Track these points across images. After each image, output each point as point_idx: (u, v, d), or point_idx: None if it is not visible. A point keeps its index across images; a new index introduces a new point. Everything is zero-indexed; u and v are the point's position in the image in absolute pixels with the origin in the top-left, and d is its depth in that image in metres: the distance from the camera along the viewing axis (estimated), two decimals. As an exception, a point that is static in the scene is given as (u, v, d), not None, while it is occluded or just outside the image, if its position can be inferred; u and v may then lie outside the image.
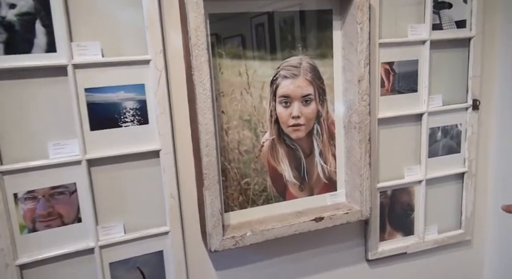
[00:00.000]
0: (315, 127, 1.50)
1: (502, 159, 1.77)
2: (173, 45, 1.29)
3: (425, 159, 1.68)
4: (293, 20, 1.42)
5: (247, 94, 1.40)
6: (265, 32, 1.39)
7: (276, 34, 1.41)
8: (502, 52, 1.70)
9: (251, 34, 1.37)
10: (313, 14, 1.44)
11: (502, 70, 1.71)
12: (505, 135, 1.75)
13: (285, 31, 1.42)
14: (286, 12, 1.41)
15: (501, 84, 1.72)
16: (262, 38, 1.39)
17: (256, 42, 1.39)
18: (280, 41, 1.42)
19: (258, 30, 1.38)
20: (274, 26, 1.40)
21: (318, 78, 1.48)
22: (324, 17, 1.46)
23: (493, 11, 1.67)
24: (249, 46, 1.38)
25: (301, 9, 1.42)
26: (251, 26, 1.36)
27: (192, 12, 1.19)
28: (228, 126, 1.39)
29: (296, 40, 1.43)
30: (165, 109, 1.28)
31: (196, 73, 1.23)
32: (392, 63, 1.58)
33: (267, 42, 1.40)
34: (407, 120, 1.65)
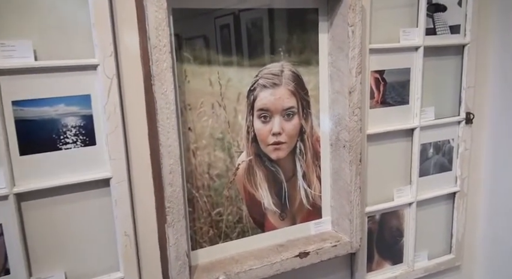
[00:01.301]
0: (297, 145, 1.29)
1: (494, 178, 1.63)
2: (127, 46, 1.03)
3: (416, 179, 1.50)
4: (273, 19, 1.20)
5: (220, 107, 1.16)
6: (241, 33, 1.16)
7: (253, 36, 1.18)
8: (496, 61, 1.55)
9: (218, 35, 1.14)
10: (297, 13, 1.22)
11: (495, 81, 1.57)
12: (497, 151, 1.61)
13: (264, 32, 1.19)
14: (265, 9, 1.18)
15: (494, 96, 1.58)
16: (237, 40, 1.16)
17: (233, 44, 1.15)
18: (258, 43, 1.19)
19: (230, 30, 1.15)
20: (251, 25, 1.17)
21: (301, 88, 1.27)
22: (309, 17, 1.25)
23: (487, 16, 1.52)
24: (222, 49, 1.14)
25: (283, 7, 1.20)
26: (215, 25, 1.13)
27: (151, 6, 0.95)
28: (196, 146, 1.15)
29: (277, 43, 1.21)
30: (117, 126, 1.02)
31: (157, 82, 0.98)
32: (383, 71, 1.39)
33: (244, 45, 1.17)
34: (398, 135, 1.46)
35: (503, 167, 1.60)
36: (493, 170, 1.63)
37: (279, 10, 1.20)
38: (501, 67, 1.55)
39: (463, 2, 1.46)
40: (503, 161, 1.59)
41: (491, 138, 1.61)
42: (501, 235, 1.65)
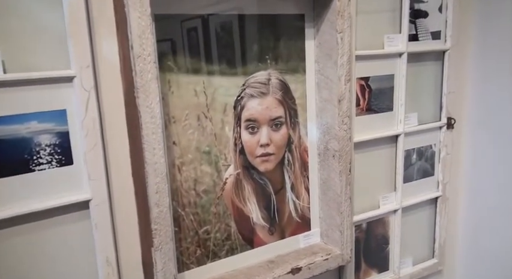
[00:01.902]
0: (285, 156, 1.24)
1: (474, 182, 1.64)
2: (106, 56, 0.95)
3: (401, 185, 1.49)
4: (260, 25, 1.14)
5: (206, 119, 1.09)
6: (227, 40, 1.10)
7: (240, 43, 1.12)
8: (476, 67, 1.56)
9: (203, 43, 1.07)
10: (283, 20, 1.17)
11: (475, 86, 1.58)
12: (476, 155, 1.62)
13: (250, 39, 1.13)
14: (251, 16, 1.12)
15: (474, 102, 1.59)
16: (224, 48, 1.10)
17: (219, 52, 1.09)
18: (245, 51, 1.13)
19: (216, 37, 1.08)
20: (237, 32, 1.11)
21: (289, 97, 1.22)
22: (295, 23, 1.20)
23: (467, 22, 1.53)
24: (207, 57, 1.07)
25: (268, 12, 1.15)
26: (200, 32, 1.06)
27: (134, 13, 0.86)
28: (182, 161, 1.07)
29: (264, 51, 1.16)
30: (96, 143, 0.93)
31: (141, 95, 0.90)
32: (368, 78, 1.36)
33: (230, 52, 1.11)
34: (382, 142, 1.44)
35: (482, 171, 1.61)
36: (473, 175, 1.64)
37: (265, 16, 1.15)
38: (481, 72, 1.56)
39: (443, 8, 1.46)
40: (482, 166, 1.61)
41: (472, 142, 1.62)
42: (481, 238, 1.67)
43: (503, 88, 1.50)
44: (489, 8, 1.48)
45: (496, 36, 1.50)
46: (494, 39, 1.50)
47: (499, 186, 1.56)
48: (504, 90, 1.50)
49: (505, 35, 1.47)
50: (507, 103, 1.49)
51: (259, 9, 1.13)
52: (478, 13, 1.51)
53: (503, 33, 1.48)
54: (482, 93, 1.56)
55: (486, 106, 1.56)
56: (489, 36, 1.51)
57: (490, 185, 1.59)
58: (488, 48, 1.52)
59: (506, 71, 1.48)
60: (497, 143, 1.55)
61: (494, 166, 1.57)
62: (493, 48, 1.51)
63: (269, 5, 1.14)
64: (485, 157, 1.59)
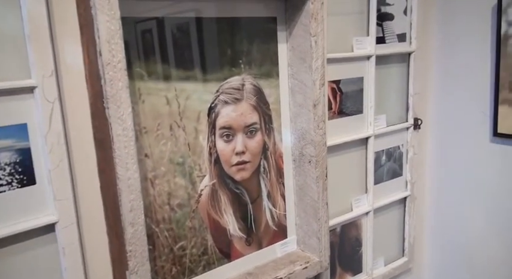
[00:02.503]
0: (261, 163, 1.20)
1: (439, 180, 1.68)
2: (70, 63, 0.86)
3: (372, 187, 1.49)
4: (232, 29, 1.09)
5: (179, 128, 1.03)
6: (200, 44, 1.04)
7: (212, 47, 1.06)
8: (439, 68, 1.60)
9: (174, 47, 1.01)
10: (255, 23, 1.13)
11: (440, 87, 1.62)
12: (441, 155, 1.66)
13: (223, 43, 1.08)
14: (222, 19, 1.07)
15: (438, 102, 1.63)
16: (196, 52, 1.04)
17: (191, 57, 1.03)
18: (218, 55, 1.08)
19: (188, 41, 1.02)
20: (209, 35, 1.06)
21: (263, 102, 1.18)
22: (267, 26, 1.16)
23: (430, 25, 1.56)
24: (179, 62, 1.01)
25: (240, 15, 1.10)
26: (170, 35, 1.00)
27: (102, 16, 0.79)
28: (155, 174, 1.00)
29: (237, 55, 1.11)
30: (61, 160, 0.84)
31: (112, 105, 0.82)
32: (339, 81, 1.35)
33: (203, 57, 1.05)
34: (353, 145, 1.44)
35: (447, 169, 1.65)
36: (439, 173, 1.68)
37: (237, 19, 1.10)
38: (444, 73, 1.60)
39: (408, 10, 1.48)
40: (447, 164, 1.65)
41: (437, 142, 1.66)
42: (448, 235, 1.71)
43: (464, 88, 1.54)
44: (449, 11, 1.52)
45: (456, 37, 1.54)
46: (454, 40, 1.54)
47: (464, 184, 1.61)
48: (466, 89, 1.54)
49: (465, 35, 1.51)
50: (469, 103, 1.54)
51: (230, 12, 1.08)
52: (440, 15, 1.55)
53: (463, 34, 1.52)
54: (446, 93, 1.60)
55: (449, 106, 1.60)
56: (450, 38, 1.54)
57: (454, 183, 1.64)
58: (450, 49, 1.56)
59: (468, 71, 1.53)
60: (460, 142, 1.59)
61: (458, 164, 1.61)
62: (454, 49, 1.55)
63: (240, 8, 1.10)
64: (450, 155, 1.63)
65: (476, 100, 1.51)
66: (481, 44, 1.47)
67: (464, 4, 1.49)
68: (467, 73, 1.53)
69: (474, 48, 1.50)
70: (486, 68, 1.47)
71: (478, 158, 1.54)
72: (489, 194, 1.54)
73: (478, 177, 1.56)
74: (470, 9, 1.48)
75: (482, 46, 1.46)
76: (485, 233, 1.57)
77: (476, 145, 1.54)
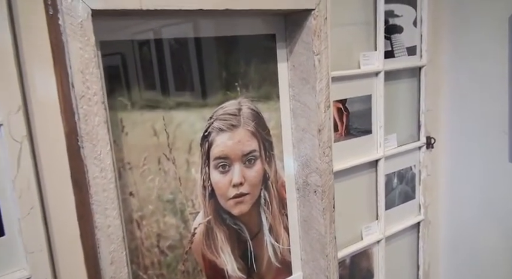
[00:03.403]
0: (261, 194, 1.09)
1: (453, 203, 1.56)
2: (42, 96, 0.76)
3: (383, 213, 1.38)
4: (226, 48, 0.99)
5: (168, 161, 0.92)
6: (190, 67, 0.94)
7: (204, 69, 0.96)
8: (452, 83, 1.48)
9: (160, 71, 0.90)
10: (251, 41, 1.03)
11: (453, 103, 1.50)
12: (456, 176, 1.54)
13: (216, 65, 0.98)
14: (214, 38, 0.97)
15: (452, 119, 1.51)
16: (186, 76, 0.93)
17: (181, 82, 0.92)
18: (211, 79, 0.97)
19: (177, 63, 0.92)
20: (201, 57, 0.95)
21: (262, 128, 1.07)
22: (265, 44, 1.06)
23: (442, 36, 1.45)
24: (167, 88, 0.91)
25: (235, 34, 1.00)
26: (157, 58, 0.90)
27: (74, 43, 0.69)
28: (141, 215, 0.89)
29: (232, 77, 1.00)
30: (32, 207, 0.73)
31: (87, 144, 0.72)
32: (345, 100, 1.24)
33: (194, 81, 0.94)
34: (362, 168, 1.33)
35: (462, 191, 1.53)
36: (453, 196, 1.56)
37: (231, 38, 0.99)
38: (458, 88, 1.48)
39: (418, 21, 1.37)
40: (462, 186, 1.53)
41: (451, 162, 1.54)
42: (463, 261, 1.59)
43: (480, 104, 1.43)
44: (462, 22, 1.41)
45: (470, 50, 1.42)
46: (468, 52, 1.43)
47: (481, 206, 1.49)
48: (482, 105, 1.42)
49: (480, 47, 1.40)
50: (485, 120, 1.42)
51: (224, 31, 0.98)
52: (453, 26, 1.43)
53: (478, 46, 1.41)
54: (460, 109, 1.48)
55: (464, 123, 1.48)
56: (463, 50, 1.43)
57: (471, 205, 1.52)
58: (464, 62, 1.44)
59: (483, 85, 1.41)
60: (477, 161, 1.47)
61: (474, 185, 1.49)
62: (468, 62, 1.43)
63: (235, 25, 0.99)
64: (465, 176, 1.51)
65: (494, 117, 1.39)
66: (497, 57, 1.36)
67: (478, 14, 1.38)
68: (483, 87, 1.42)
69: (490, 61, 1.38)
70: (504, 82, 1.35)
71: (496, 180, 1.42)
72: (507, 218, 1.42)
73: (495, 199, 1.44)
74: (484, 19, 1.37)
75: (499, 59, 1.35)
76: (503, 258, 1.45)
77: (494, 165, 1.42)
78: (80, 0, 0.67)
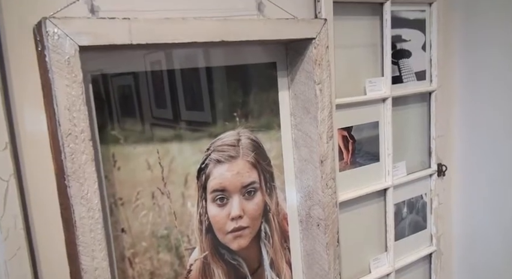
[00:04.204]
0: (262, 227, 1.05)
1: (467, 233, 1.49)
2: (32, 130, 0.74)
3: (392, 244, 1.32)
4: (224, 78, 0.97)
5: (163, 195, 0.89)
6: (185, 99, 0.91)
7: (201, 101, 0.93)
8: (463, 107, 1.43)
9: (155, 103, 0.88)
10: (251, 70, 1.00)
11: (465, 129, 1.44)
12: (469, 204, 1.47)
13: (214, 95, 0.95)
14: (213, 68, 0.95)
15: (464, 145, 1.45)
16: (181, 108, 0.91)
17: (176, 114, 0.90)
18: (208, 109, 0.95)
19: (173, 94, 0.90)
20: (197, 89, 0.93)
21: (262, 158, 1.04)
22: (265, 72, 1.03)
23: (453, 61, 1.41)
24: (161, 120, 0.88)
25: (234, 63, 0.97)
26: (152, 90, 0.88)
27: (61, 80, 0.67)
28: (134, 252, 0.86)
29: (231, 107, 0.98)
30: (19, 248, 0.71)
31: (73, 183, 0.69)
32: (350, 128, 1.20)
33: (190, 113, 0.92)
34: (370, 197, 1.28)
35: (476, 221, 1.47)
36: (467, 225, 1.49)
37: (230, 67, 0.97)
38: (470, 113, 1.43)
39: (427, 46, 1.33)
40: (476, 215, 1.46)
41: (463, 190, 1.47)
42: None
43: (494, 129, 1.37)
44: (473, 45, 1.36)
45: (482, 74, 1.37)
46: (480, 76, 1.38)
47: (496, 237, 1.41)
48: (495, 131, 1.36)
49: (492, 71, 1.35)
50: (499, 146, 1.36)
51: (220, 61, 0.95)
52: (463, 50, 1.39)
53: (490, 70, 1.35)
54: (473, 135, 1.43)
55: (477, 150, 1.42)
56: (475, 74, 1.38)
57: (486, 236, 1.44)
58: (475, 87, 1.39)
59: (497, 110, 1.36)
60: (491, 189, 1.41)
61: (489, 214, 1.42)
62: (480, 87, 1.38)
63: (234, 54, 0.97)
64: (479, 205, 1.44)
65: (508, 142, 1.33)
66: (510, 81, 1.30)
67: (490, 38, 1.33)
68: (496, 112, 1.36)
69: (502, 85, 1.33)
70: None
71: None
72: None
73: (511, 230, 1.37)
74: (496, 42, 1.32)
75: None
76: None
77: (510, 192, 1.35)
78: (67, 37, 0.65)
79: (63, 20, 0.65)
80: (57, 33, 0.64)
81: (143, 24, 0.72)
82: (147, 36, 0.73)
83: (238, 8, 0.94)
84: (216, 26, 0.81)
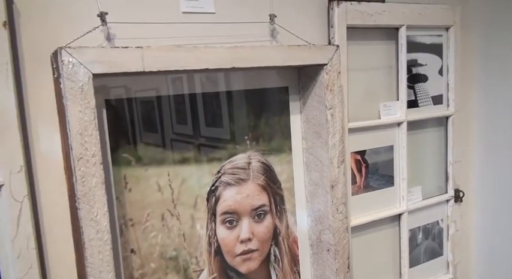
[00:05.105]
0: (271, 250, 1.05)
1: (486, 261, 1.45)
2: (47, 153, 0.77)
3: (407, 271, 1.29)
4: (236, 102, 0.98)
5: (173, 217, 0.91)
6: (197, 121, 0.93)
7: (213, 124, 0.95)
8: (481, 133, 1.41)
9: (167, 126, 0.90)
10: (263, 94, 1.02)
11: (483, 154, 1.41)
12: (486, 231, 1.43)
13: (225, 119, 0.97)
14: (224, 93, 0.97)
15: (482, 171, 1.42)
16: (193, 131, 0.93)
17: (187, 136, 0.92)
18: (220, 133, 0.96)
19: (184, 117, 0.92)
20: (209, 112, 0.95)
21: (273, 182, 1.04)
22: (277, 96, 1.04)
23: (471, 85, 1.39)
24: (173, 143, 0.90)
25: (246, 88, 0.99)
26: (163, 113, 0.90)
27: (74, 106, 0.70)
28: (142, 273, 0.88)
29: (241, 131, 0.99)
30: (31, 267, 0.74)
31: (83, 205, 0.72)
32: (364, 152, 1.20)
33: (202, 135, 0.94)
34: (383, 222, 1.26)
35: (495, 249, 1.42)
36: (486, 253, 1.45)
37: (242, 92, 0.99)
38: (489, 138, 1.40)
39: (444, 70, 1.32)
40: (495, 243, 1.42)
41: (482, 217, 1.44)
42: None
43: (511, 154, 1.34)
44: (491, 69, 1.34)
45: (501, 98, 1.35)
46: (499, 101, 1.35)
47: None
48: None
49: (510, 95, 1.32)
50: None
51: (233, 85, 0.97)
52: (481, 74, 1.37)
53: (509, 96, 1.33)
54: (492, 160, 1.39)
55: (496, 175, 1.39)
56: (494, 98, 1.36)
57: (505, 264, 1.40)
58: (494, 111, 1.36)
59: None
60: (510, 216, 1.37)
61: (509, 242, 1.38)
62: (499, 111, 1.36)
63: (245, 79, 0.99)
64: (499, 232, 1.40)
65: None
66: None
67: (508, 62, 1.31)
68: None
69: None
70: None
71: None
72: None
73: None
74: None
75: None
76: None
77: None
78: (81, 66, 0.68)
79: (77, 50, 0.68)
80: (71, 62, 0.67)
81: (155, 52, 0.75)
82: (159, 63, 0.75)
83: (252, 34, 0.96)
84: (227, 53, 0.83)
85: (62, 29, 0.76)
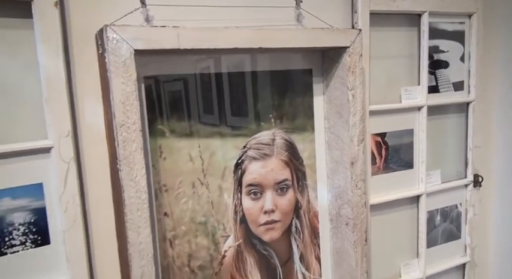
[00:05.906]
0: (293, 222, 1.11)
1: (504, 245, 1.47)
2: (91, 121, 0.86)
3: (424, 251, 1.33)
4: (262, 82, 1.05)
5: (202, 185, 0.99)
6: (225, 99, 1.01)
7: (240, 102, 1.03)
8: (502, 119, 1.43)
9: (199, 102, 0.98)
10: (288, 75, 1.08)
11: (504, 140, 1.44)
12: (507, 216, 1.45)
13: (252, 98, 1.04)
14: (251, 73, 1.04)
15: (503, 157, 1.44)
16: (222, 107, 1.01)
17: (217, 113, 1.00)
18: (246, 110, 1.04)
19: (213, 96, 1.00)
20: (237, 90, 1.02)
21: (295, 158, 1.11)
22: (302, 78, 1.10)
23: (492, 72, 1.41)
24: (203, 118, 0.98)
25: (272, 69, 1.06)
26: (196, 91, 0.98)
27: (117, 78, 0.78)
28: (174, 234, 0.96)
29: (267, 109, 1.06)
30: (75, 221, 0.83)
31: (124, 167, 0.80)
32: (384, 134, 1.25)
33: (230, 112, 1.01)
34: (402, 203, 1.31)
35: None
36: (504, 237, 1.47)
37: (268, 72, 1.06)
38: (508, 124, 1.42)
39: (465, 57, 1.35)
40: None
41: (501, 201, 1.46)
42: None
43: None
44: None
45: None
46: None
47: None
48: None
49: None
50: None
51: (260, 66, 1.04)
52: (503, 61, 1.39)
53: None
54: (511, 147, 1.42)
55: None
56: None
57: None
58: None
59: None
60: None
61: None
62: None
63: (274, 61, 1.05)
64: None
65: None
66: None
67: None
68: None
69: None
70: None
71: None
72: None
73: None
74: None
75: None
76: None
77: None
78: (124, 42, 0.76)
79: (121, 27, 0.76)
80: (115, 38, 0.76)
81: (190, 31, 0.82)
82: (193, 42, 0.83)
83: (278, 18, 1.03)
84: (255, 34, 0.90)
85: (106, 10, 0.85)
